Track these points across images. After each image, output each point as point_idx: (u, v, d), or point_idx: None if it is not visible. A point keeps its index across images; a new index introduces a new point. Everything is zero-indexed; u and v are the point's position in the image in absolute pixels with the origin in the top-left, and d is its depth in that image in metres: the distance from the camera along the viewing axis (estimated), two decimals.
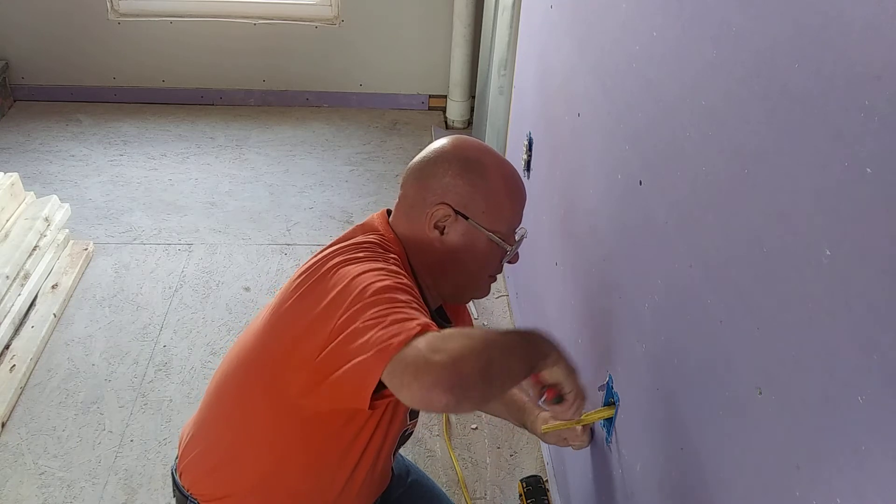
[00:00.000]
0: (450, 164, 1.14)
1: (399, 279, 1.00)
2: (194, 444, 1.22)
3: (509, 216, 1.18)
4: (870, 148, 0.62)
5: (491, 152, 1.19)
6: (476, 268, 1.18)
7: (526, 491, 1.90)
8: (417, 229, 1.15)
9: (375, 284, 0.97)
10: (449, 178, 1.14)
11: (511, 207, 1.18)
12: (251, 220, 3.02)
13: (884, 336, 0.60)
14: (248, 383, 1.13)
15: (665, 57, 1.10)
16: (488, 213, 1.15)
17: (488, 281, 1.23)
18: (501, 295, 2.68)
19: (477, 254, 1.16)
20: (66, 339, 2.39)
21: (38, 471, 1.97)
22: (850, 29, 0.64)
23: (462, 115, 3.72)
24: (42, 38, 3.57)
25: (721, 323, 0.91)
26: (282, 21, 3.62)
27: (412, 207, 1.16)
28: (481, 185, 1.14)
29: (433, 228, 1.14)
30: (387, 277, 0.99)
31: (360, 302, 0.95)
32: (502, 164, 1.19)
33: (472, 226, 1.14)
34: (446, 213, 1.13)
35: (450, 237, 1.14)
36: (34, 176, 3.17)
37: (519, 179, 1.20)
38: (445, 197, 1.13)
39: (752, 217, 0.82)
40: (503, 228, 1.17)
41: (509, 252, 1.18)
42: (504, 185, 1.16)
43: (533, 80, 2.19)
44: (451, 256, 1.15)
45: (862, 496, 0.64)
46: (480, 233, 1.14)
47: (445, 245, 1.15)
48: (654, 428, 1.16)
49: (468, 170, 1.14)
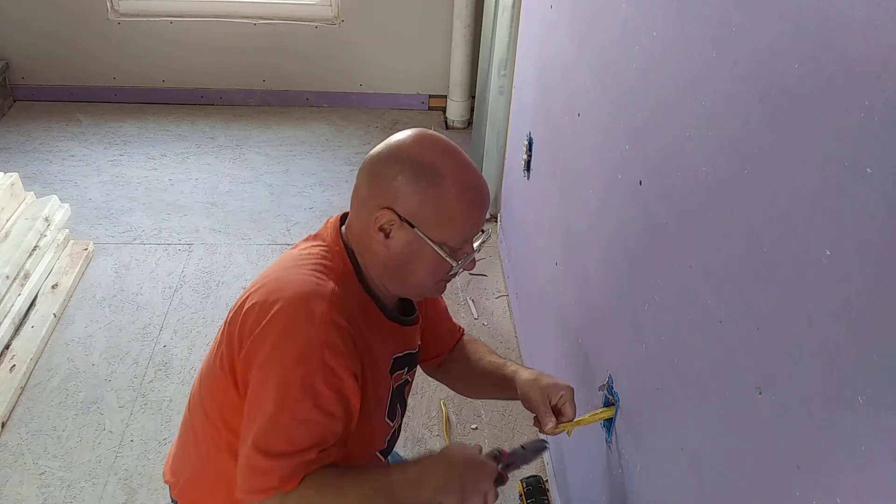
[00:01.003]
0: (402, 166, 1.05)
1: (314, 382, 1.01)
2: (177, 463, 1.28)
3: (461, 228, 1.08)
4: (870, 148, 0.62)
5: (451, 155, 1.08)
6: (422, 274, 1.11)
7: (526, 491, 1.90)
8: (365, 227, 1.09)
9: (286, 409, 1.01)
10: (399, 183, 1.05)
11: (465, 219, 1.08)
12: (251, 220, 3.02)
13: (884, 336, 0.60)
14: (208, 413, 1.18)
15: (665, 57, 1.10)
16: (437, 224, 1.06)
17: (439, 286, 1.16)
18: (501, 295, 2.68)
19: (422, 262, 1.09)
20: (66, 339, 2.39)
21: (38, 471, 1.97)
22: (850, 29, 0.64)
23: (462, 115, 3.72)
24: (42, 38, 3.57)
25: (721, 323, 0.91)
26: (282, 21, 3.62)
27: (362, 204, 1.10)
28: (431, 194, 1.04)
29: (378, 231, 1.07)
30: (302, 397, 1.01)
31: (267, 415, 1.01)
32: (461, 170, 1.08)
33: (419, 235, 1.06)
34: (391, 218, 1.05)
35: (394, 242, 1.07)
36: (34, 176, 3.17)
37: (479, 188, 1.10)
38: (394, 202, 1.05)
39: (752, 217, 0.82)
40: (453, 241, 1.08)
41: (454, 268, 1.11)
42: (459, 195, 1.06)
43: (533, 79, 2.19)
44: (395, 261, 1.09)
45: (862, 496, 0.64)
46: (427, 243, 1.07)
47: (390, 249, 1.08)
48: (654, 428, 1.16)
49: (420, 175, 1.04)
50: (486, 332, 2.51)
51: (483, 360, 1.37)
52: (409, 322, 1.22)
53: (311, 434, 1.01)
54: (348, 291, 1.09)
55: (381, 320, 1.15)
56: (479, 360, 1.37)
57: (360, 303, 1.12)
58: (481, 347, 1.41)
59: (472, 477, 1.05)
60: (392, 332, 1.18)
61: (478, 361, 1.37)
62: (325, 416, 1.02)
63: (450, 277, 1.15)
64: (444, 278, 1.14)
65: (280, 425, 1.00)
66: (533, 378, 1.25)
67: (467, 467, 1.06)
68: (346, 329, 1.05)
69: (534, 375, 1.26)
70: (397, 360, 1.20)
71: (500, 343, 2.46)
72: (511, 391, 1.28)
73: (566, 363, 1.73)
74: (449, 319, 1.42)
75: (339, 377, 1.02)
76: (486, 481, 1.06)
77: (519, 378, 1.27)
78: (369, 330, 1.11)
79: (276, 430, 1.00)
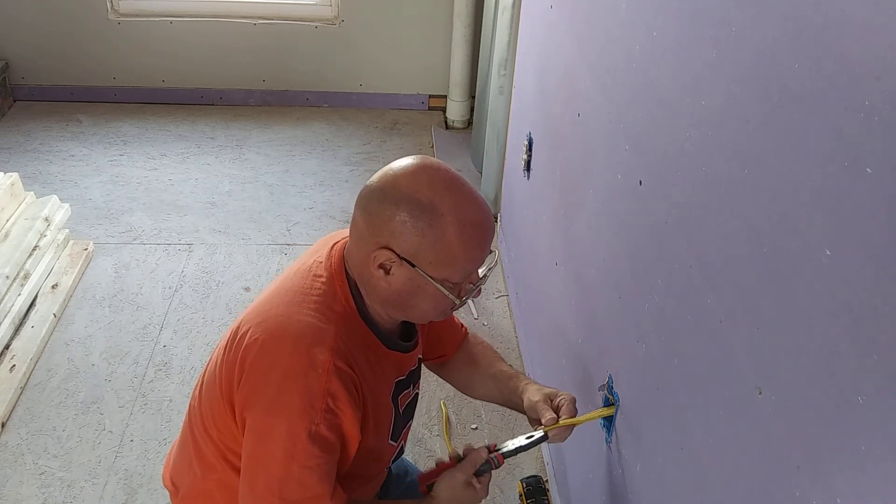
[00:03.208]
0: (398, 205, 1.01)
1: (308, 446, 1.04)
2: (177, 471, 1.29)
3: (463, 265, 1.05)
4: (870, 148, 0.62)
5: (450, 188, 1.03)
6: (425, 307, 1.10)
7: (526, 491, 1.90)
8: (364, 262, 1.07)
9: (277, 475, 1.04)
10: (397, 224, 1.01)
11: (465, 257, 1.05)
12: (251, 220, 3.02)
13: (884, 336, 0.60)
14: (207, 428, 1.19)
15: (665, 57, 1.10)
16: (437, 263, 1.03)
17: (445, 313, 1.15)
18: (501, 295, 2.68)
19: (424, 297, 1.08)
20: (66, 339, 2.39)
21: (38, 471, 1.97)
22: (850, 29, 0.64)
23: (462, 115, 3.72)
24: (42, 37, 3.57)
25: (721, 323, 0.91)
26: (282, 21, 3.62)
27: (360, 239, 1.07)
28: (431, 235, 1.01)
29: (378, 268, 1.05)
30: (289, 462, 1.04)
31: (278, 465, 1.05)
32: (461, 205, 1.03)
33: (420, 273, 1.04)
34: (390, 257, 1.03)
35: (395, 279, 1.05)
36: (34, 176, 3.17)
37: (479, 223, 1.05)
38: (391, 242, 1.02)
39: (752, 217, 0.82)
40: (455, 277, 1.06)
41: (457, 304, 1.10)
42: (459, 233, 1.02)
43: (533, 79, 2.19)
44: (396, 296, 1.08)
45: (862, 496, 0.64)
46: (428, 281, 1.05)
47: (391, 285, 1.06)
48: (654, 428, 1.16)
49: (418, 215, 1.01)
50: (486, 332, 2.51)
51: (493, 366, 1.38)
52: (409, 348, 1.23)
53: (321, 477, 1.05)
54: (350, 330, 1.10)
55: (382, 351, 1.16)
56: (488, 367, 1.38)
57: (361, 339, 1.12)
58: (489, 352, 1.42)
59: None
60: (393, 360, 1.19)
61: (488, 367, 1.38)
62: (331, 456, 1.06)
63: (453, 310, 1.14)
64: (447, 310, 1.13)
65: (292, 474, 1.04)
66: (538, 387, 1.29)
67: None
68: (347, 374, 1.07)
69: (539, 386, 1.30)
70: (400, 382, 1.22)
71: (500, 343, 2.46)
72: (516, 402, 1.31)
73: (566, 363, 1.73)
74: (452, 320, 1.42)
75: (340, 420, 1.06)
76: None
77: (527, 391, 1.29)
78: (370, 366, 1.13)
79: (288, 479, 1.04)
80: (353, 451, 1.11)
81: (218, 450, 1.17)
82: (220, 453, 1.17)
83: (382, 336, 1.16)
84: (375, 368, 1.14)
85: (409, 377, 1.24)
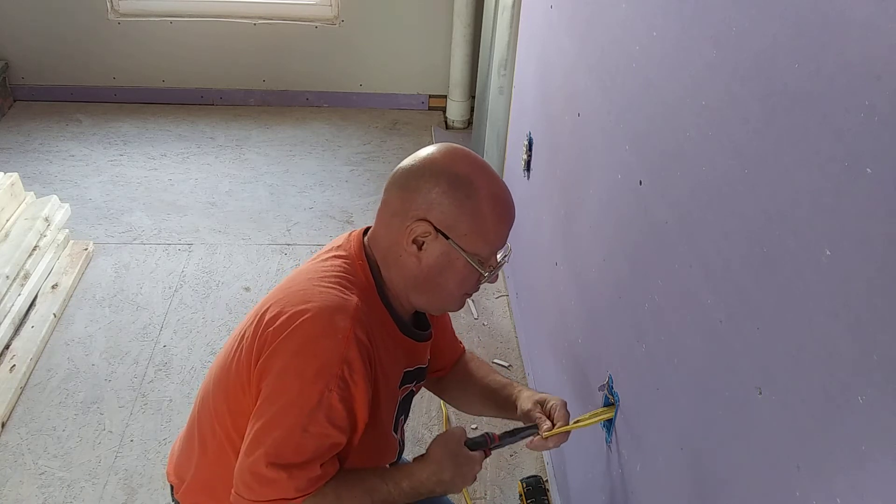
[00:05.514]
0: (437, 178, 1.08)
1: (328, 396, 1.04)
2: (181, 464, 1.28)
3: (493, 239, 1.12)
4: (870, 148, 0.62)
5: (483, 168, 1.12)
6: (451, 286, 1.14)
7: (526, 491, 1.90)
8: (395, 240, 1.11)
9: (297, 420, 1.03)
10: (435, 195, 1.07)
11: (496, 231, 1.12)
12: (251, 220, 3.02)
13: (884, 336, 0.60)
14: (218, 417, 1.18)
15: (665, 57, 1.10)
16: (471, 235, 1.09)
17: (463, 298, 1.19)
18: (501, 295, 2.68)
19: (453, 273, 1.12)
20: (66, 339, 2.39)
21: (38, 471, 1.97)
22: (850, 29, 0.64)
23: (462, 115, 3.72)
24: (42, 37, 3.57)
25: (721, 323, 0.91)
26: (282, 21, 3.62)
27: (394, 216, 1.11)
28: (468, 206, 1.08)
29: (411, 243, 1.10)
30: (312, 403, 1.03)
31: (281, 427, 1.04)
32: (494, 182, 1.11)
33: (452, 246, 1.09)
34: (426, 230, 1.08)
35: (427, 253, 1.10)
36: (34, 176, 3.17)
37: (509, 200, 1.14)
38: (429, 213, 1.08)
39: (752, 217, 0.82)
40: (484, 252, 1.12)
41: (485, 277, 1.14)
42: (493, 207, 1.10)
43: (533, 80, 2.19)
44: (426, 273, 1.12)
45: (862, 496, 0.64)
46: (459, 254, 1.09)
47: (421, 261, 1.11)
48: (654, 428, 1.16)
49: (457, 187, 1.07)
50: (486, 332, 2.51)
51: (487, 377, 1.39)
52: (423, 337, 1.23)
53: (320, 447, 1.04)
54: (369, 306, 1.11)
55: (397, 335, 1.17)
56: (482, 378, 1.39)
57: (378, 317, 1.14)
58: (484, 366, 1.43)
59: (461, 471, 1.15)
60: (406, 347, 1.20)
61: (481, 379, 1.39)
62: (334, 429, 1.05)
63: (473, 290, 1.18)
64: (469, 291, 1.17)
65: (293, 437, 1.03)
66: (529, 394, 1.30)
67: (456, 463, 1.15)
68: (365, 346, 1.07)
69: (531, 392, 1.30)
70: (408, 374, 1.23)
71: (500, 343, 2.47)
72: (511, 411, 1.31)
73: (566, 363, 1.73)
74: (452, 335, 1.43)
75: (352, 393, 1.05)
76: (471, 472, 1.16)
77: (519, 398, 1.30)
78: (384, 345, 1.13)
79: (287, 442, 1.03)
80: (360, 432, 1.10)
81: (229, 439, 1.16)
82: (231, 443, 1.16)
83: (398, 320, 1.17)
84: (389, 350, 1.15)
85: (416, 372, 1.25)
